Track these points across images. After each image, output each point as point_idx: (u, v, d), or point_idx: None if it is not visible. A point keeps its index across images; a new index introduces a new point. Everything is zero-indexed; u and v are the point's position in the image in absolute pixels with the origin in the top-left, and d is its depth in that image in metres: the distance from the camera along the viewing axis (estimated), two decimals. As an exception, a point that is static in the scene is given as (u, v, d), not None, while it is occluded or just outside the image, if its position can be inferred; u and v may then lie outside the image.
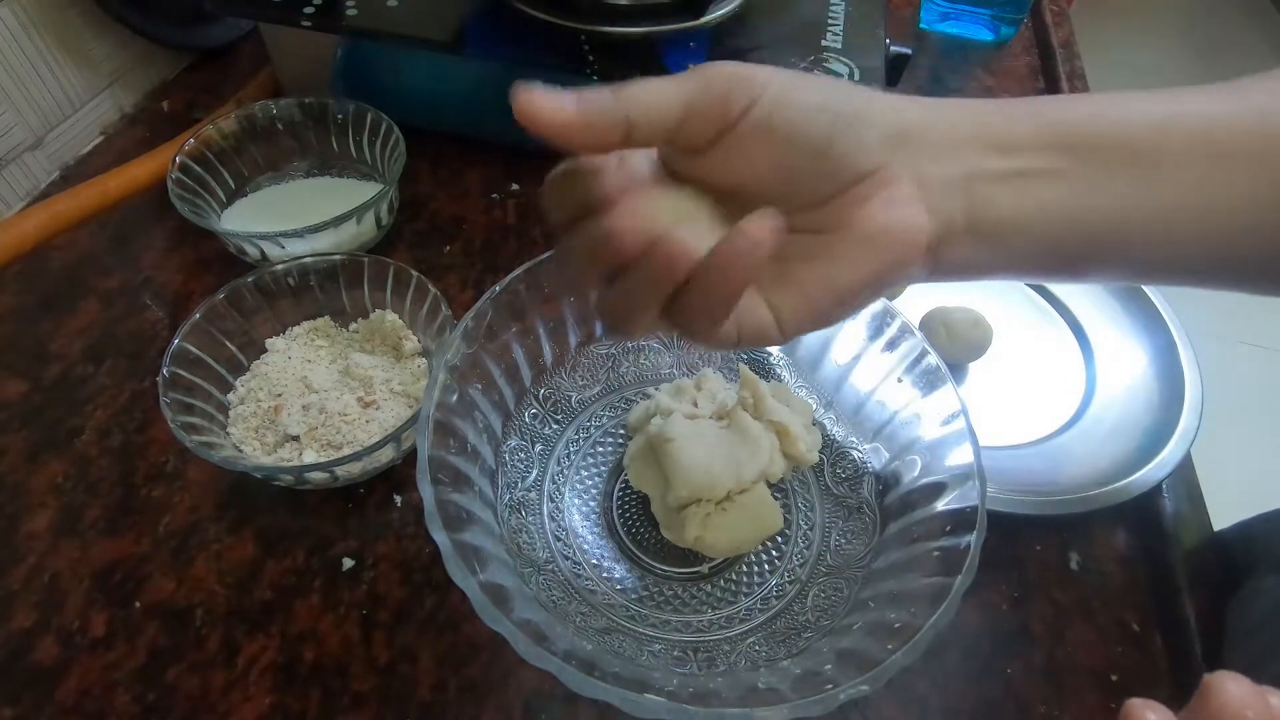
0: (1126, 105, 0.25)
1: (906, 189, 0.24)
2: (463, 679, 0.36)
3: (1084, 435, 0.45)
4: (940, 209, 0.24)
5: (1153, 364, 0.47)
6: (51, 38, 0.55)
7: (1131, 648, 0.38)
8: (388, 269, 0.45)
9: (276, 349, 0.45)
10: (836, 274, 0.25)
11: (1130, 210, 0.25)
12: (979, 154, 0.25)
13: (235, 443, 0.41)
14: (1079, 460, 0.43)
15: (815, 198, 0.25)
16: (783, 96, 0.24)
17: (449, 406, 0.34)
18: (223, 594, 0.38)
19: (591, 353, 0.43)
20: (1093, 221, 0.25)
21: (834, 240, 0.25)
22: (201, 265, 0.52)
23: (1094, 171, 0.24)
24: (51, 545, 0.39)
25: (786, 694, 0.28)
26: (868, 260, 0.24)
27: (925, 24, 0.74)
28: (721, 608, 0.36)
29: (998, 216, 0.25)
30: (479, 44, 0.51)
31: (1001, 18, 0.72)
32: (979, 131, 0.25)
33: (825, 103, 0.24)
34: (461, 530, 0.30)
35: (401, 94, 0.56)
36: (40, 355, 0.47)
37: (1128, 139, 0.24)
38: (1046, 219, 0.25)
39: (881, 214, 0.24)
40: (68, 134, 0.58)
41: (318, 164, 0.56)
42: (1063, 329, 0.50)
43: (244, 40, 0.68)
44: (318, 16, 0.51)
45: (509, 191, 0.57)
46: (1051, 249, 0.25)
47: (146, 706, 0.35)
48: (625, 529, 0.39)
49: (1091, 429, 0.45)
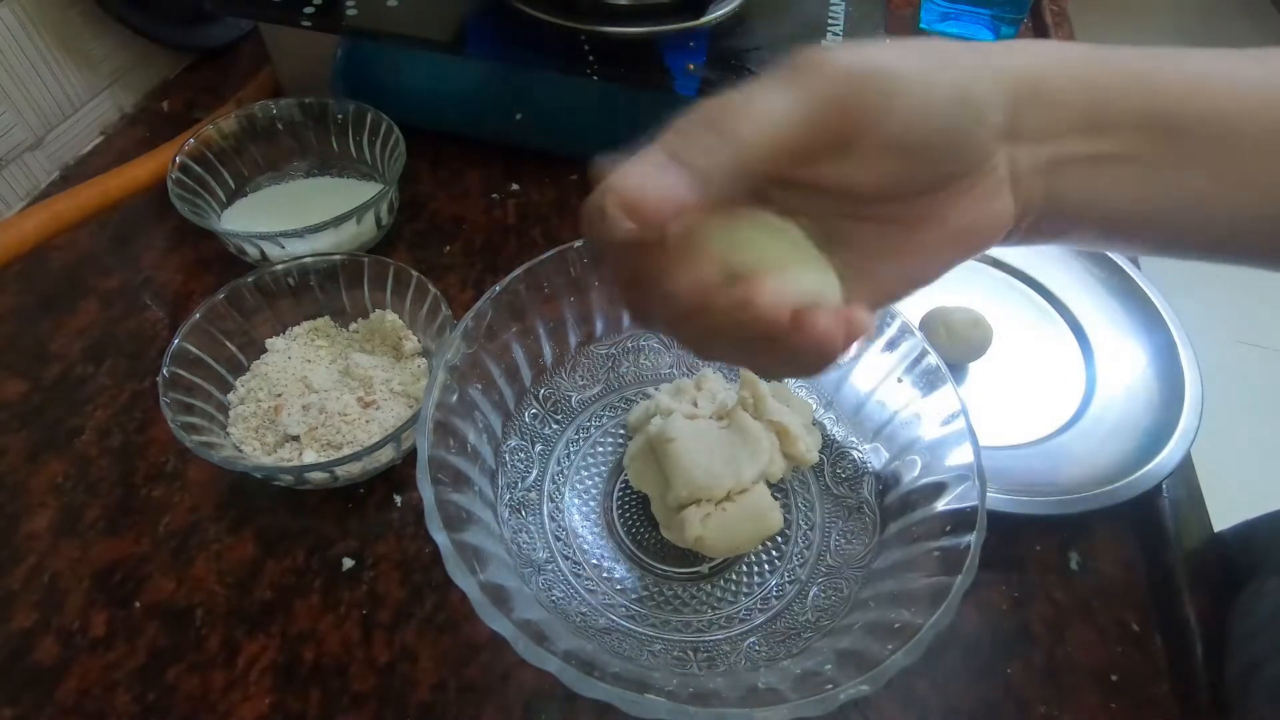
0: (1232, 74, 0.23)
1: (1000, 177, 0.23)
2: (463, 679, 0.36)
3: (1084, 435, 0.45)
4: (1023, 195, 0.24)
5: (1153, 364, 0.47)
6: (51, 38, 0.55)
7: (1131, 648, 0.38)
8: (388, 269, 0.45)
9: (276, 349, 0.45)
10: (917, 267, 0.24)
11: (1198, 200, 0.24)
12: (1073, 138, 0.23)
13: (235, 443, 0.41)
14: (1079, 460, 0.43)
15: (914, 194, 0.23)
16: (918, 101, 0.21)
17: (449, 406, 0.34)
18: (223, 594, 0.38)
19: (591, 353, 0.43)
20: (1157, 205, 0.24)
21: (917, 234, 0.24)
22: (201, 265, 0.52)
23: (1176, 157, 0.23)
24: (51, 545, 0.39)
25: (786, 694, 0.28)
26: (950, 253, 0.24)
27: (925, 24, 0.74)
28: (721, 608, 0.36)
29: (1071, 199, 0.24)
30: (479, 44, 0.51)
31: (1001, 18, 0.72)
32: (1085, 106, 0.23)
33: (962, 94, 0.22)
34: (461, 530, 0.30)
35: (401, 94, 0.56)
36: (40, 355, 0.47)
37: (1219, 117, 0.23)
38: (1114, 202, 0.24)
39: (975, 209, 0.23)
40: (68, 134, 0.58)
41: (318, 164, 0.56)
42: (1063, 329, 0.50)
43: (244, 40, 0.68)
44: (318, 16, 0.51)
45: (509, 191, 0.57)
46: (1110, 227, 0.25)
47: (146, 706, 0.35)
48: (625, 529, 0.39)
49: (1091, 429, 0.45)
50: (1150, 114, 0.23)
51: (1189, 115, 0.23)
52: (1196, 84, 0.23)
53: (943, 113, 0.22)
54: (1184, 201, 0.24)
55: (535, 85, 0.53)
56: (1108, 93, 0.23)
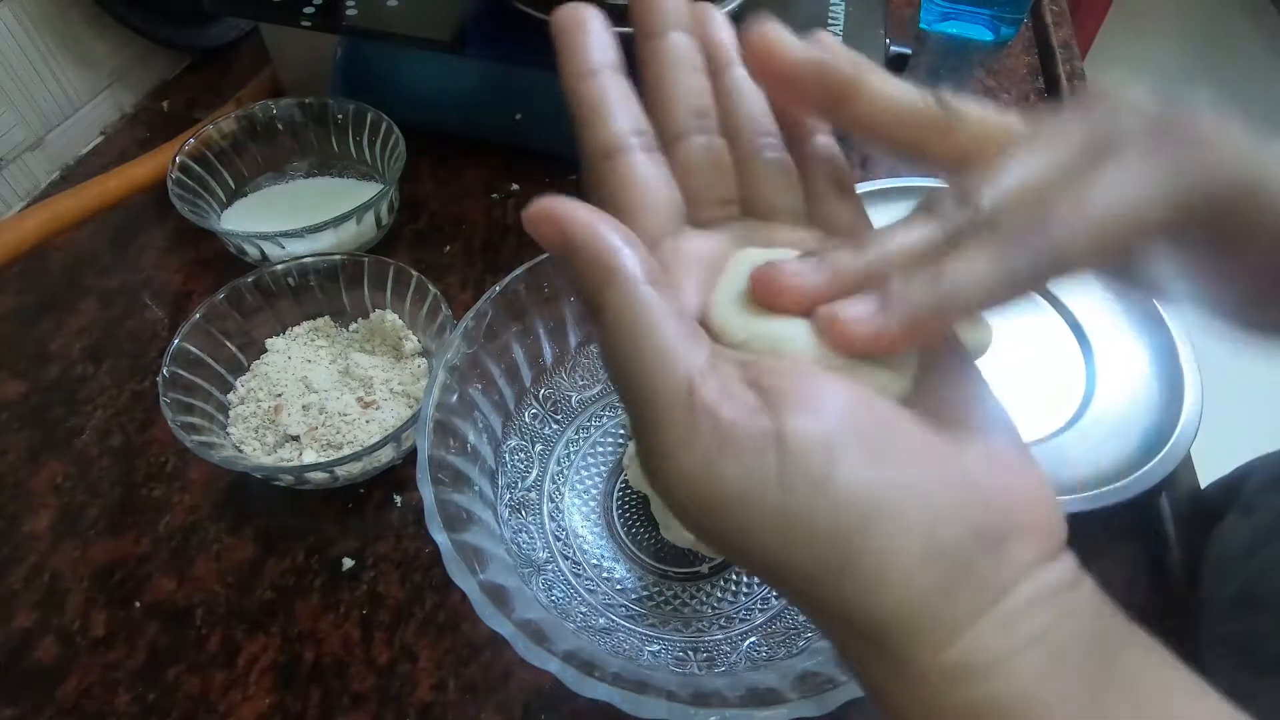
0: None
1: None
2: (463, 679, 0.36)
3: (1084, 435, 0.45)
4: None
5: (1153, 364, 0.47)
6: (51, 38, 0.55)
7: (1131, 648, 0.38)
8: (388, 269, 0.45)
9: (276, 349, 0.45)
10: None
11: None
12: None
13: (235, 443, 0.41)
14: (1078, 460, 0.43)
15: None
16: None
17: (449, 406, 0.34)
18: (223, 594, 0.38)
19: (591, 353, 0.43)
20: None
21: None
22: (201, 265, 0.52)
23: None
24: (51, 545, 0.39)
25: (786, 694, 0.28)
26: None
27: (925, 24, 0.74)
28: (721, 608, 0.36)
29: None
30: (479, 44, 0.51)
31: (1001, 18, 0.72)
32: None
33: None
34: (461, 530, 0.30)
35: (401, 94, 0.56)
36: (40, 355, 0.47)
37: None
38: None
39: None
40: (68, 134, 0.58)
41: (318, 164, 0.56)
42: (1063, 329, 0.50)
43: (244, 40, 0.68)
44: (318, 16, 0.51)
45: (509, 191, 0.57)
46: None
47: (146, 706, 0.35)
48: (625, 529, 0.39)
49: (1091, 429, 0.45)
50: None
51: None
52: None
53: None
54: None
55: (535, 85, 0.53)
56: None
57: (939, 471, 0.16)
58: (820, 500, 0.15)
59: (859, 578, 0.15)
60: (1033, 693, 0.15)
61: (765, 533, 0.16)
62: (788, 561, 0.16)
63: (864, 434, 0.16)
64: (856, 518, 0.15)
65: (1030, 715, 0.15)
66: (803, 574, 0.16)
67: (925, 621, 0.16)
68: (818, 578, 0.16)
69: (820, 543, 0.15)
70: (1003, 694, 0.15)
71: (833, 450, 0.15)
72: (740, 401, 0.16)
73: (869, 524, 0.15)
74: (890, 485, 0.16)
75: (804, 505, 0.15)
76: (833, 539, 0.15)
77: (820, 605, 0.16)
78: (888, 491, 0.15)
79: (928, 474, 0.16)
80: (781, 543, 0.16)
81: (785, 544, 0.16)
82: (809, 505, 0.15)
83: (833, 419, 0.16)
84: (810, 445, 0.15)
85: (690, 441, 0.16)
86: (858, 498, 0.15)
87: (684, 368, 0.16)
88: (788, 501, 0.15)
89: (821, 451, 0.15)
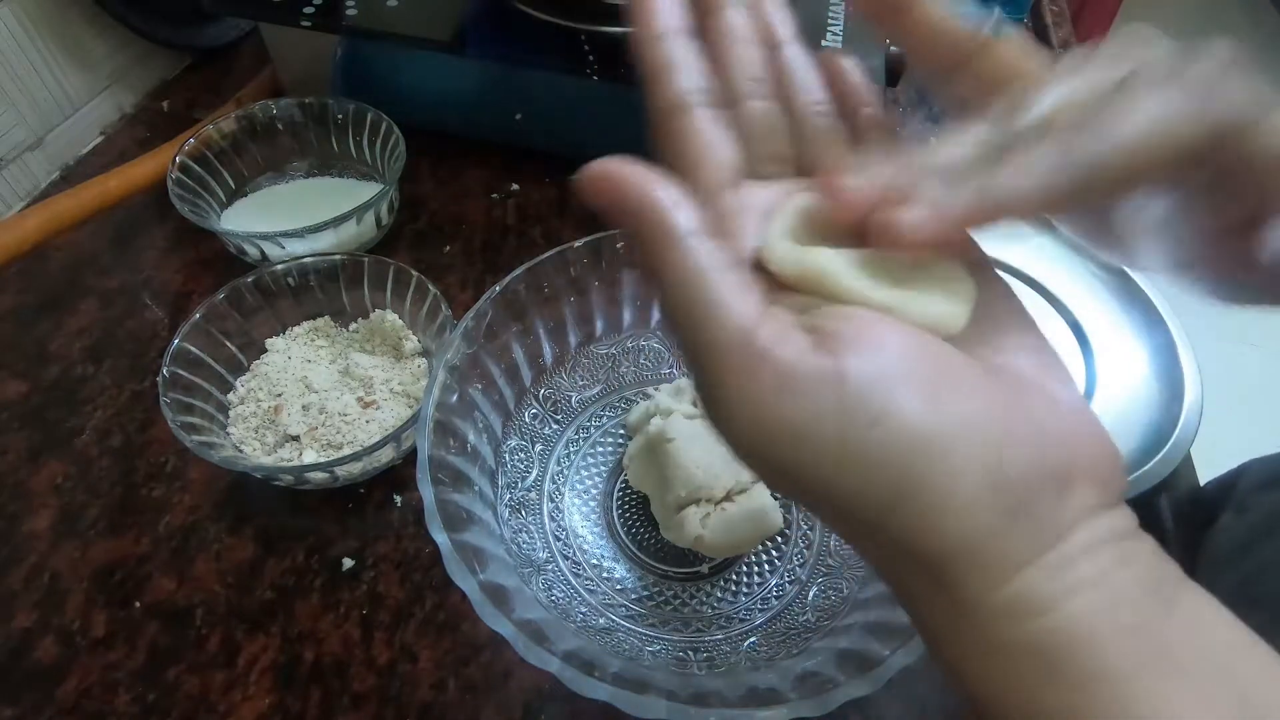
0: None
1: None
2: (463, 679, 0.36)
3: (1084, 435, 0.45)
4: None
5: (1153, 364, 0.47)
6: (51, 38, 0.55)
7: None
8: (388, 269, 0.45)
9: (276, 349, 0.45)
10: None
11: None
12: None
13: (235, 443, 0.41)
14: (1079, 460, 0.43)
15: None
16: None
17: (449, 406, 0.34)
18: (223, 594, 0.38)
19: (591, 353, 0.43)
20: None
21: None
22: (201, 265, 0.52)
23: None
24: (51, 545, 0.39)
25: (786, 694, 0.28)
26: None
27: (925, 24, 0.74)
28: (721, 608, 0.36)
29: None
30: (479, 44, 0.51)
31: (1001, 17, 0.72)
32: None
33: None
34: (461, 530, 0.30)
35: (401, 94, 0.56)
36: (40, 355, 0.47)
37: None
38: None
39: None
40: (68, 134, 0.58)
41: (318, 164, 0.56)
42: (1063, 329, 0.50)
43: (244, 40, 0.68)
44: (318, 16, 0.51)
45: (509, 191, 0.57)
46: None
47: (146, 706, 0.35)
48: (625, 529, 0.39)
49: (1091, 429, 0.45)
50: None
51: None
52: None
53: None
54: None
55: (535, 85, 0.53)
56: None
57: (1002, 411, 0.17)
58: (881, 432, 0.16)
59: (921, 508, 0.16)
60: (1089, 630, 0.16)
61: (827, 466, 0.16)
62: (852, 492, 0.16)
63: (924, 373, 0.16)
64: (920, 449, 0.16)
65: (1087, 652, 0.15)
66: (865, 504, 0.16)
67: (985, 556, 0.16)
68: (882, 507, 0.16)
69: (882, 473, 0.16)
70: (1059, 630, 0.16)
71: (893, 386, 0.16)
72: (797, 344, 0.16)
73: (932, 455, 0.16)
74: (953, 419, 0.16)
75: (865, 437, 0.16)
76: (895, 469, 0.16)
77: (881, 539, 0.17)
78: (950, 425, 0.16)
79: (991, 412, 0.16)
80: (844, 475, 0.16)
81: (848, 476, 0.16)
82: (871, 437, 0.16)
83: (892, 357, 0.16)
84: (870, 381, 0.16)
85: (749, 386, 0.16)
86: (920, 430, 0.16)
87: (739, 315, 0.17)
88: (848, 434, 0.16)
89: (882, 386, 0.16)
